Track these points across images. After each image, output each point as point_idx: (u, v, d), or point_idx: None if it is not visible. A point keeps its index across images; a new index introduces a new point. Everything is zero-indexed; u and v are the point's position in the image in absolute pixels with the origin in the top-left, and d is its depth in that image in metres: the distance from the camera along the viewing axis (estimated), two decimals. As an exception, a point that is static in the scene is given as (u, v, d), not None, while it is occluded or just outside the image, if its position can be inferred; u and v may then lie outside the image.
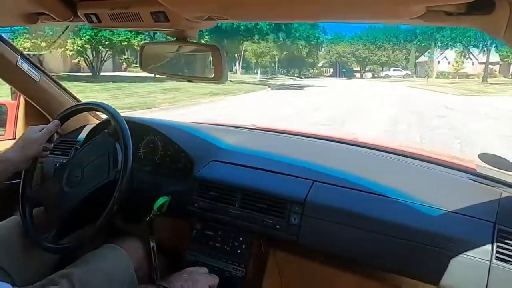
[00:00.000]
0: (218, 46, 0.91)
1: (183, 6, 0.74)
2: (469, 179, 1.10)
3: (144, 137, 1.34)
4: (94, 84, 15.76)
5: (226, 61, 0.91)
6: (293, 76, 44.83)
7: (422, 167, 1.17)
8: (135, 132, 1.22)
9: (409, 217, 0.95)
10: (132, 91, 14.72)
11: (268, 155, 1.27)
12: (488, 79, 29.46)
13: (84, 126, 1.73)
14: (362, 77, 46.62)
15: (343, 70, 48.41)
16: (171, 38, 0.97)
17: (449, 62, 37.21)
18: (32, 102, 1.67)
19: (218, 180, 1.17)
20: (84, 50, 18.73)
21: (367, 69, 49.08)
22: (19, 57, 1.46)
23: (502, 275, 0.82)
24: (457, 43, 32.06)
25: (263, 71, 41.39)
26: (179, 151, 1.28)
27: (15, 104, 1.73)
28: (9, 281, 0.91)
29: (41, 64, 1.72)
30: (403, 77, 40.16)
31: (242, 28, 24.59)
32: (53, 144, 1.20)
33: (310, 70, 51.44)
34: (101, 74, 20.20)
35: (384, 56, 46.21)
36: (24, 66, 1.49)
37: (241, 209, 1.11)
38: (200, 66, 0.97)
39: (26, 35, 15.26)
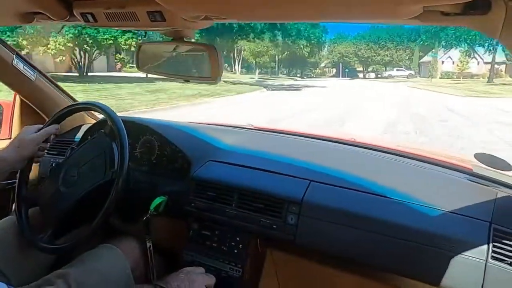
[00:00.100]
0: (215, 46, 0.91)
1: (180, 5, 0.74)
2: (465, 179, 1.10)
3: (141, 136, 1.34)
4: (78, 85, 14.45)
5: (222, 60, 0.91)
6: (295, 76, 44.02)
7: (419, 167, 1.17)
8: (131, 132, 1.22)
9: (406, 217, 0.95)
10: (114, 93, 13.64)
11: (265, 155, 1.26)
12: (494, 79, 28.39)
13: (80, 125, 1.72)
14: (365, 77, 45.57)
15: (346, 70, 47.55)
16: (167, 38, 0.97)
17: (453, 62, 36.20)
18: (28, 102, 1.67)
19: (215, 180, 1.17)
20: (67, 49, 17.20)
21: (370, 69, 48.01)
22: (14, 56, 1.46)
23: (498, 275, 0.83)
24: (461, 42, 31.10)
25: (264, 71, 40.89)
26: (176, 151, 1.27)
27: (10, 103, 1.72)
28: (5, 281, 0.91)
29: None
30: (407, 77, 39.23)
31: (235, 26, 23.51)
32: (49, 144, 1.19)
33: (313, 71, 50.67)
34: (88, 74, 19.19)
35: (387, 56, 45.04)
36: (20, 66, 1.48)
37: (238, 209, 1.11)
38: (196, 65, 0.97)
39: (8, 33, 14.06)
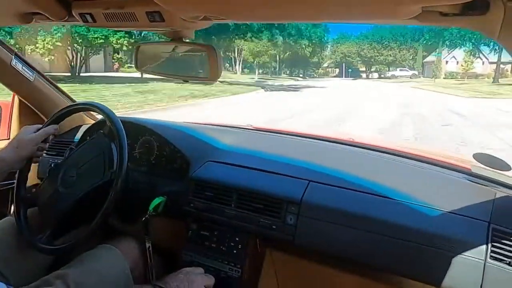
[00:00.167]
0: (214, 46, 0.91)
1: (179, 6, 0.74)
2: (464, 179, 1.10)
3: (140, 137, 1.34)
4: (66, 85, 13.24)
5: (222, 61, 0.91)
6: (297, 76, 43.45)
7: (418, 167, 1.18)
8: (130, 132, 1.22)
9: (405, 217, 0.95)
10: (101, 94, 12.99)
11: (264, 155, 1.26)
12: (499, 80, 27.32)
13: (79, 126, 1.72)
14: (367, 78, 45.04)
15: (349, 70, 47.00)
16: (166, 38, 0.97)
17: (457, 62, 35.48)
18: (27, 102, 1.66)
19: (214, 180, 1.17)
20: (56, 48, 16.33)
21: (373, 69, 47.42)
22: (13, 56, 1.45)
23: (496, 274, 0.83)
24: (466, 42, 30.04)
25: (265, 71, 40.39)
26: (174, 151, 1.27)
27: (9, 104, 1.72)
28: (4, 281, 0.90)
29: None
30: (410, 78, 38.63)
31: (232, 25, 22.55)
32: (48, 144, 1.19)
33: (316, 71, 50.11)
34: (81, 75, 18.51)
35: (391, 55, 44.33)
36: (19, 66, 1.48)
37: (237, 209, 1.11)
38: (195, 66, 0.97)
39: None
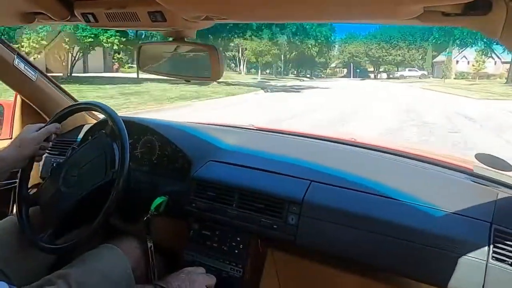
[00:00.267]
0: (216, 46, 0.91)
1: (180, 5, 0.74)
2: (466, 179, 1.10)
3: (142, 137, 1.34)
4: None
5: (223, 60, 0.91)
6: (304, 77, 42.39)
7: (419, 167, 1.17)
8: (132, 132, 1.22)
9: (407, 217, 0.95)
10: (82, 95, 11.77)
11: (266, 155, 1.26)
12: None
13: (81, 126, 1.72)
14: (375, 78, 43.94)
15: (357, 70, 46.24)
16: (168, 38, 0.97)
17: (468, 61, 33.93)
18: (29, 102, 1.67)
19: (215, 180, 1.17)
20: (41, 47, 15.27)
21: (381, 69, 46.40)
22: (15, 56, 1.46)
23: (498, 275, 0.82)
24: (478, 41, 28.61)
25: (272, 71, 39.78)
26: (176, 151, 1.27)
27: (11, 103, 1.73)
28: (6, 281, 0.91)
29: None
30: (419, 78, 37.71)
31: (230, 23, 22.11)
32: (50, 143, 1.19)
33: (323, 71, 49.25)
34: (73, 75, 17.46)
35: (399, 55, 43.13)
36: (21, 66, 1.49)
37: (239, 209, 1.11)
38: (197, 65, 0.97)
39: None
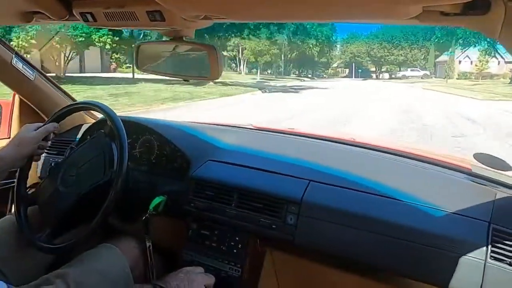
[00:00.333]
0: (215, 46, 0.91)
1: (179, 5, 0.74)
2: (464, 179, 1.10)
3: (140, 136, 1.34)
4: None
5: (222, 60, 0.91)
6: (305, 77, 41.94)
7: (418, 167, 1.17)
8: (131, 132, 1.22)
9: (406, 216, 0.95)
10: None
11: (265, 154, 1.26)
12: None
13: (79, 125, 1.72)
14: (377, 78, 43.54)
15: (359, 70, 45.91)
16: (167, 37, 0.97)
17: (471, 61, 33.31)
18: (27, 101, 1.66)
19: (214, 179, 1.17)
20: (30, 46, 14.59)
21: (383, 69, 45.87)
22: (13, 55, 1.45)
23: (497, 275, 0.83)
24: (481, 40, 27.64)
25: (273, 71, 39.46)
26: (175, 150, 1.27)
27: (9, 103, 1.72)
28: (4, 280, 0.90)
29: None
30: (421, 78, 37.36)
31: (226, 22, 21.50)
32: (49, 142, 1.19)
33: (325, 71, 48.99)
34: (67, 75, 16.98)
35: (401, 55, 42.61)
36: (19, 65, 1.48)
37: (238, 209, 1.11)
38: (196, 65, 0.97)
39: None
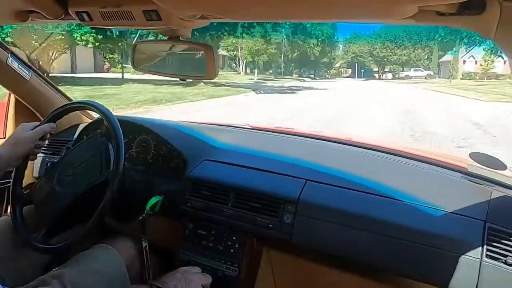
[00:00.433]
0: (212, 45, 0.91)
1: (176, 4, 0.74)
2: (460, 178, 1.10)
3: (137, 136, 1.33)
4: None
5: (219, 59, 0.91)
6: (307, 77, 41.44)
7: (414, 166, 1.18)
8: (127, 131, 1.21)
9: (402, 216, 0.96)
10: None
11: (262, 154, 1.26)
12: None
13: (76, 125, 1.71)
14: (380, 78, 43.22)
15: (362, 70, 45.63)
16: (164, 36, 0.96)
17: (476, 61, 32.93)
18: (23, 101, 1.65)
19: (211, 179, 1.17)
20: (8, 44, 13.80)
21: (386, 69, 45.80)
22: (9, 55, 1.45)
23: (492, 273, 0.83)
24: (486, 39, 27.75)
25: (273, 71, 39.05)
26: (171, 150, 1.27)
27: (5, 103, 1.71)
28: None
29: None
30: (425, 78, 37.02)
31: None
32: (46, 141, 1.18)
33: (328, 71, 48.58)
34: (51, 75, 15.57)
35: (404, 55, 42.40)
36: (14, 65, 1.47)
37: (234, 209, 1.11)
38: (192, 64, 0.97)
39: None
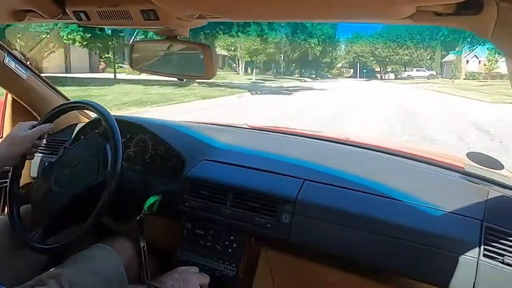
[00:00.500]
0: (210, 45, 0.91)
1: (173, 4, 0.74)
2: (457, 177, 1.11)
3: (134, 135, 1.33)
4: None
5: (217, 59, 0.91)
6: (308, 77, 40.86)
7: (412, 165, 1.18)
8: (125, 131, 1.21)
9: (400, 215, 0.96)
10: None
11: (260, 154, 1.26)
12: None
13: (73, 124, 1.71)
14: (382, 78, 42.45)
15: (364, 70, 45.10)
16: (161, 36, 0.96)
17: (479, 61, 32.20)
18: (20, 101, 1.65)
19: (209, 179, 1.17)
20: None
21: (388, 69, 45.03)
22: (6, 54, 1.44)
23: (489, 272, 0.83)
24: None
25: (272, 72, 38.57)
26: (169, 150, 1.27)
27: (2, 102, 1.70)
28: None
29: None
30: (427, 78, 36.14)
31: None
32: (44, 141, 1.18)
33: (329, 71, 48.05)
34: (43, 75, 15.11)
35: (407, 55, 41.59)
36: (11, 64, 1.47)
37: (232, 208, 1.11)
38: (190, 64, 0.97)
39: None
